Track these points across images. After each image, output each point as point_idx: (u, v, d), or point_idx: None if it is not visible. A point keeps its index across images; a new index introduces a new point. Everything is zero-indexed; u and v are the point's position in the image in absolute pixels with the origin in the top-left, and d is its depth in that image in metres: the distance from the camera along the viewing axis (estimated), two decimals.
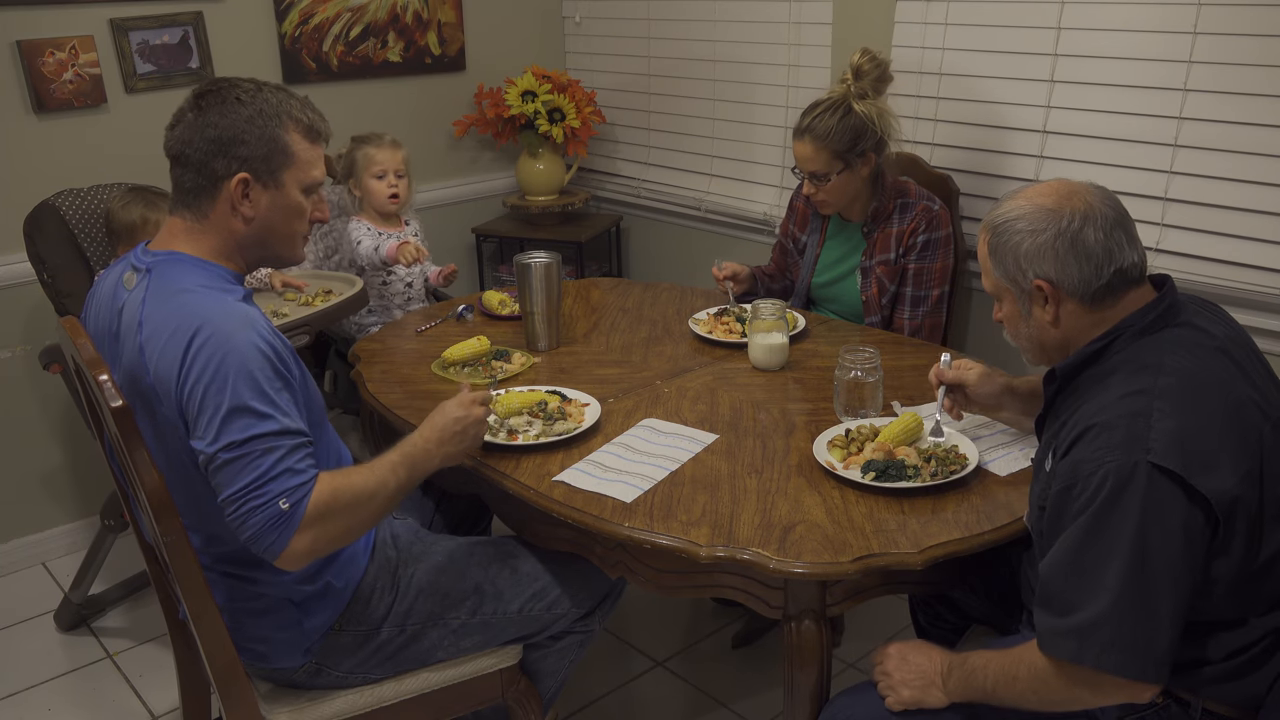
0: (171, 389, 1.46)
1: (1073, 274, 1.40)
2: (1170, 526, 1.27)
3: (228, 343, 1.45)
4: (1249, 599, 1.34)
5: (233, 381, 1.43)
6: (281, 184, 1.58)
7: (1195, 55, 2.27)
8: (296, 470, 1.45)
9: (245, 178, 1.55)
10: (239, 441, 1.42)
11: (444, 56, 3.59)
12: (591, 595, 1.88)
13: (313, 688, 1.71)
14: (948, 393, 1.81)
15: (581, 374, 2.19)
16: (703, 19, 3.34)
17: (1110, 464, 1.29)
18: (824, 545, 1.53)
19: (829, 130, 2.31)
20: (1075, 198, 1.41)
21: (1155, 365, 1.35)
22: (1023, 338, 1.52)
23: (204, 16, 3.02)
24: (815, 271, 2.57)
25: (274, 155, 1.56)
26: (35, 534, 3.07)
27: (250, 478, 1.42)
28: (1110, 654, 1.28)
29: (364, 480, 1.54)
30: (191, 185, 1.56)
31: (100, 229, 2.63)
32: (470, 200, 3.78)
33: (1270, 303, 2.26)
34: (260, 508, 1.42)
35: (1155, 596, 1.27)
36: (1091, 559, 1.30)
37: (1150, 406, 1.31)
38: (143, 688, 2.51)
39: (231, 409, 1.43)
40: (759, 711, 2.37)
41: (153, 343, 1.48)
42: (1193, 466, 1.27)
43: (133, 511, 1.80)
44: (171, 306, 1.49)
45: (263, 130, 1.55)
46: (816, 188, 2.37)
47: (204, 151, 1.54)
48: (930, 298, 2.43)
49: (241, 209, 1.57)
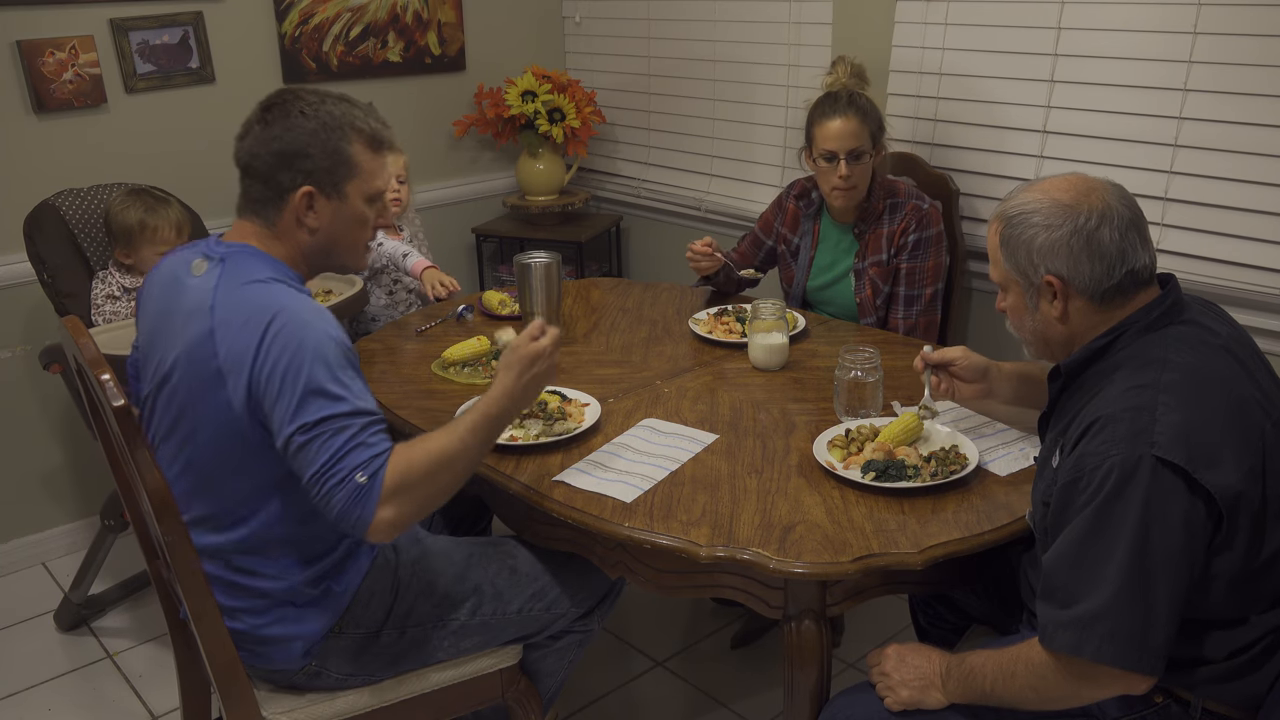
0: (245, 372, 1.48)
1: (1085, 272, 1.40)
2: (1172, 520, 1.27)
3: (304, 329, 1.48)
4: (1249, 597, 1.35)
5: (309, 366, 1.46)
6: (345, 195, 1.61)
7: (1195, 55, 2.27)
8: (369, 444, 1.47)
9: (310, 191, 1.57)
10: (311, 423, 1.45)
11: (444, 56, 3.59)
12: (591, 595, 1.88)
13: (313, 689, 1.71)
14: (934, 371, 1.81)
15: (581, 374, 2.19)
16: (703, 19, 3.34)
17: (1115, 457, 1.29)
18: (824, 545, 1.53)
19: (868, 107, 2.38)
20: (1093, 195, 1.40)
21: (1160, 360, 1.36)
22: (1026, 330, 1.51)
23: (204, 16, 3.02)
24: (810, 275, 2.58)
25: (337, 168, 1.59)
26: (35, 534, 3.07)
27: (325, 457, 1.45)
28: (1108, 645, 1.28)
29: (441, 445, 1.54)
30: (259, 195, 1.59)
31: (100, 229, 2.63)
32: (470, 200, 3.78)
33: (1270, 303, 2.26)
34: (339, 485, 1.44)
35: (1154, 589, 1.27)
36: (1094, 552, 1.30)
37: (1155, 400, 1.31)
38: (143, 688, 2.51)
39: (307, 391, 1.45)
40: (759, 711, 2.37)
41: (226, 327, 1.49)
42: (1197, 460, 1.27)
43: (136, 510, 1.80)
44: (246, 293, 1.52)
45: (325, 143, 1.57)
46: (852, 169, 2.36)
47: (269, 164, 1.56)
48: (924, 296, 2.44)
49: (307, 221, 1.59)
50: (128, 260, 2.54)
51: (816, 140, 2.39)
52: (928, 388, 1.80)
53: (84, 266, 2.62)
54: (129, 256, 2.54)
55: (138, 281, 2.55)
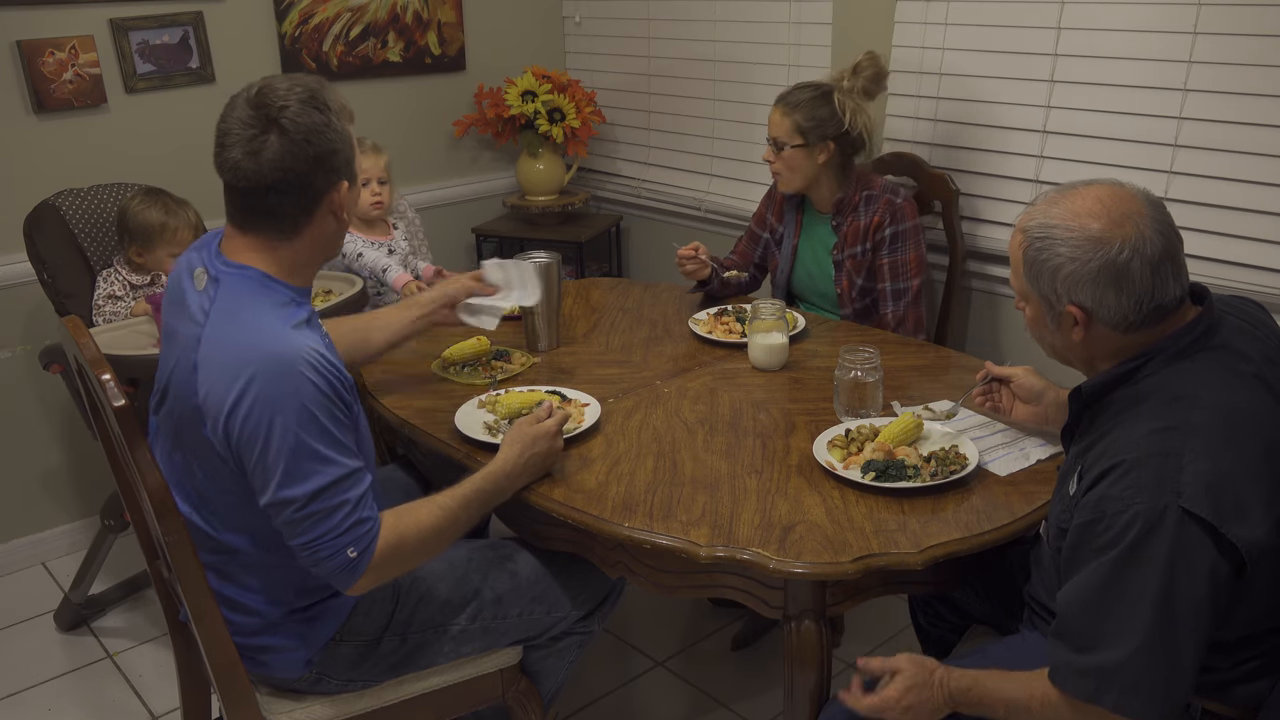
0: (220, 423, 1.44)
1: (1110, 306, 1.33)
2: (1197, 573, 1.23)
3: (284, 384, 1.42)
4: (1260, 616, 1.33)
5: (293, 429, 1.42)
6: (355, 176, 1.57)
7: (1195, 55, 2.27)
8: (362, 521, 1.47)
9: (344, 184, 1.53)
10: (303, 500, 1.43)
11: (444, 56, 3.59)
12: (591, 596, 1.88)
13: (313, 694, 1.71)
14: (989, 382, 1.81)
15: (581, 374, 2.19)
16: (703, 19, 3.34)
17: (1139, 505, 1.25)
18: (824, 545, 1.53)
19: (799, 103, 2.46)
20: (1127, 223, 1.31)
21: (1189, 398, 1.30)
22: (1045, 343, 1.47)
23: (204, 16, 3.02)
24: (794, 264, 2.63)
25: (352, 154, 1.55)
26: (35, 534, 3.07)
27: (318, 533, 1.45)
28: (1130, 698, 1.26)
29: (432, 517, 1.56)
30: (290, 208, 1.50)
31: (100, 229, 2.63)
32: (470, 200, 3.78)
33: (1270, 303, 2.25)
34: (329, 558, 1.46)
35: (1178, 643, 1.24)
36: (1114, 600, 1.27)
37: (1183, 446, 1.26)
38: (143, 688, 2.51)
39: (291, 454, 1.42)
40: (759, 711, 2.37)
41: (208, 366, 1.45)
42: (1224, 513, 1.23)
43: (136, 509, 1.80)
44: (233, 333, 1.46)
45: (342, 132, 1.52)
46: (773, 155, 2.49)
47: (307, 171, 1.48)
48: (910, 289, 2.46)
49: (340, 216, 1.55)
50: (140, 259, 2.55)
51: None
52: (964, 396, 1.81)
53: (84, 266, 2.62)
54: (142, 255, 2.55)
55: (145, 279, 2.57)
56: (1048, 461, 1.75)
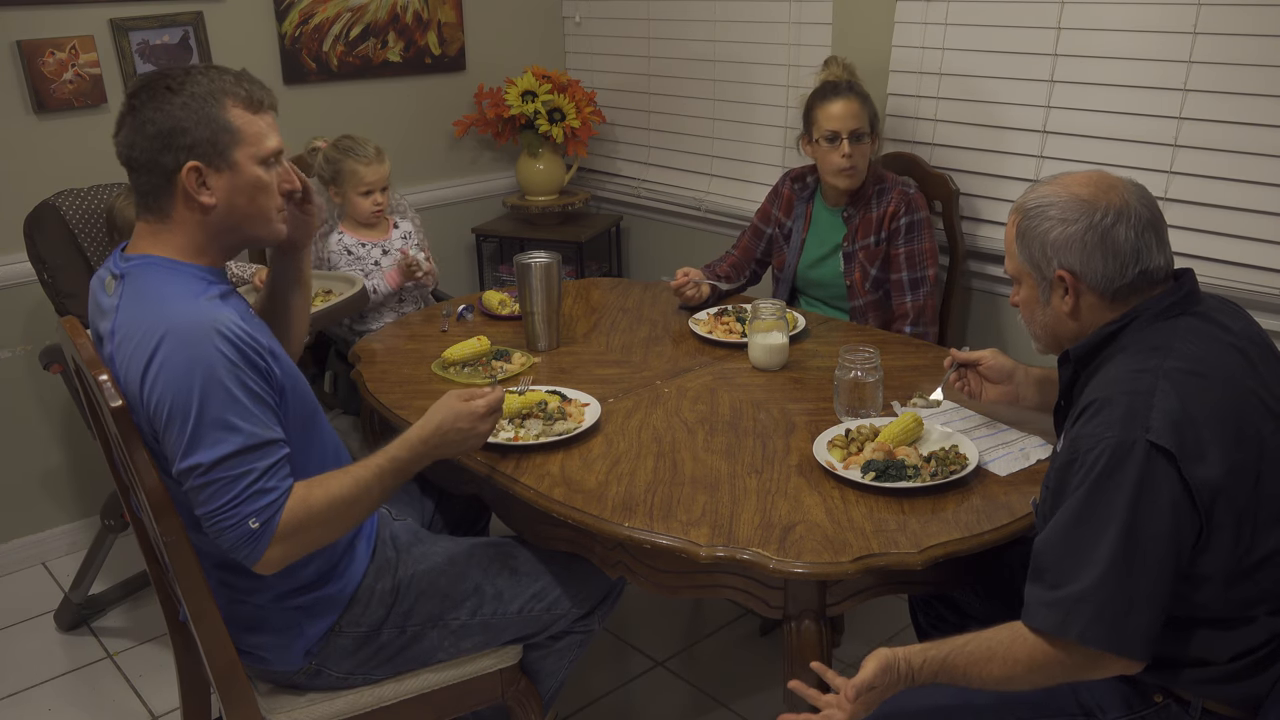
0: (137, 401, 1.46)
1: (1097, 269, 1.40)
2: (1161, 505, 1.27)
3: (191, 350, 1.43)
4: (1250, 597, 1.34)
5: (199, 394, 1.42)
6: (235, 163, 1.53)
7: (1195, 55, 2.27)
8: (266, 490, 1.45)
9: (196, 166, 1.50)
10: (207, 465, 1.42)
11: (444, 56, 3.59)
12: (591, 595, 1.88)
13: (313, 689, 1.71)
14: (958, 367, 1.82)
15: (581, 374, 2.19)
16: (703, 19, 3.34)
17: (1109, 439, 1.29)
18: (824, 545, 1.53)
19: (864, 93, 2.50)
20: (1112, 192, 1.40)
21: (1165, 348, 1.36)
22: (1037, 324, 1.52)
23: (204, 16, 3.02)
24: (801, 256, 2.63)
25: (219, 136, 1.51)
26: (35, 534, 3.07)
27: (220, 502, 1.43)
28: (1095, 627, 1.28)
29: (343, 487, 1.53)
30: (149, 187, 1.52)
31: (100, 229, 2.63)
32: (470, 200, 3.78)
33: (1270, 303, 2.26)
34: (231, 528, 1.44)
35: (1139, 573, 1.27)
36: (1084, 533, 1.30)
37: (1154, 385, 1.31)
38: (143, 688, 2.51)
39: (199, 423, 1.42)
40: (759, 711, 2.37)
41: (121, 352, 1.47)
42: (1186, 450, 1.27)
43: (134, 511, 1.80)
44: (138, 315, 1.48)
45: (200, 113, 1.50)
46: (854, 149, 2.45)
47: (149, 150, 1.49)
48: (928, 278, 2.49)
49: (200, 198, 1.52)
50: None
51: (819, 122, 2.47)
52: (942, 384, 1.81)
53: (84, 266, 2.61)
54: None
55: None
56: (1048, 461, 1.75)
